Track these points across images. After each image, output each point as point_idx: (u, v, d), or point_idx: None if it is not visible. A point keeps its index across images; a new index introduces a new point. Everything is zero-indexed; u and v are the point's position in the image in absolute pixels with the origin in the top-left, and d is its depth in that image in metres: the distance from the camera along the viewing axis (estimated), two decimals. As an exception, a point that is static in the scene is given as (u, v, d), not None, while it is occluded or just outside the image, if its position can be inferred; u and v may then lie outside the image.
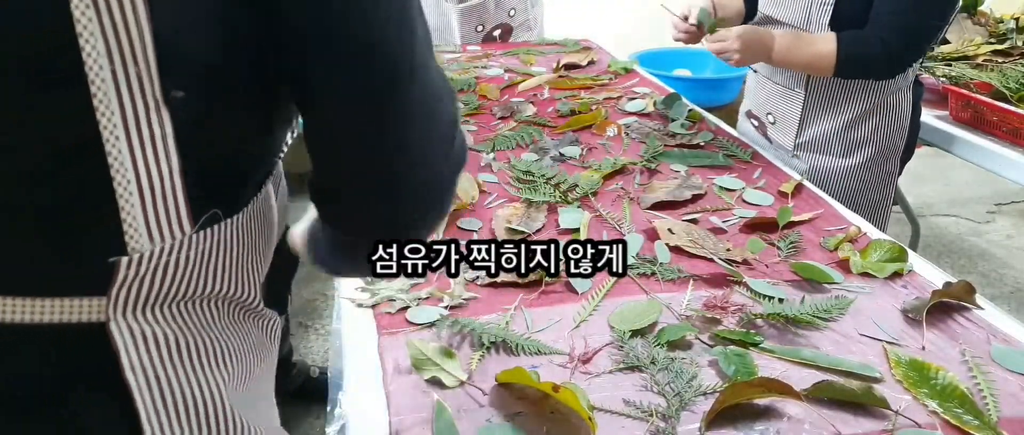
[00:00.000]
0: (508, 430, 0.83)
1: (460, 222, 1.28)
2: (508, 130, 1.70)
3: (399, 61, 0.57)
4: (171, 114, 0.54)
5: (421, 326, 1.01)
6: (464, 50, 2.39)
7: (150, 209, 0.56)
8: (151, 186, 0.55)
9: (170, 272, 0.59)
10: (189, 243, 0.59)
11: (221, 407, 0.63)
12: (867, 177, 1.65)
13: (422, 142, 0.61)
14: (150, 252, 0.57)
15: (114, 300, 0.57)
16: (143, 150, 0.54)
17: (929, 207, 3.42)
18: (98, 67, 0.51)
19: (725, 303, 1.06)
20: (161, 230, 0.57)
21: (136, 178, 0.55)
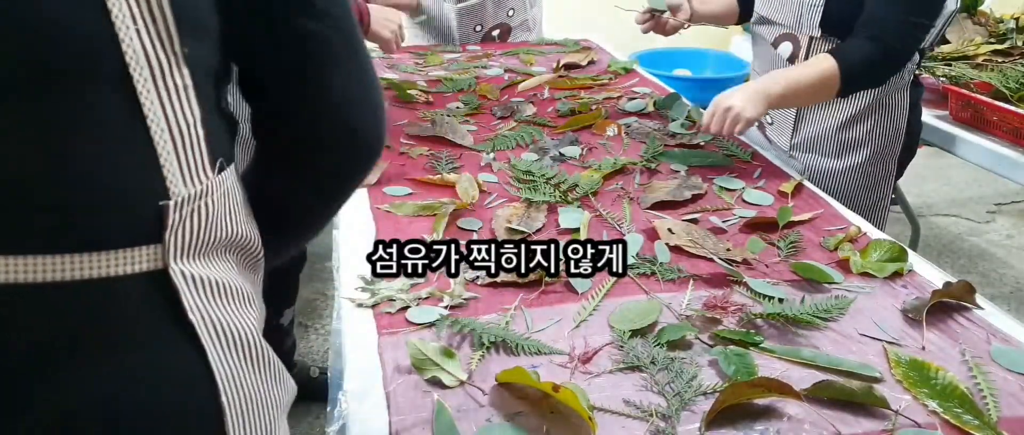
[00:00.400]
0: (508, 430, 0.83)
1: (460, 222, 1.28)
2: (508, 130, 1.70)
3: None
4: (190, 68, 0.61)
5: (421, 326, 1.01)
6: (464, 50, 2.39)
7: (182, 156, 0.62)
8: (181, 134, 0.62)
9: (204, 216, 0.65)
10: (213, 187, 0.66)
11: (257, 342, 0.70)
12: (863, 178, 1.64)
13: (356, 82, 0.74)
14: (187, 195, 0.63)
15: (168, 245, 0.62)
16: (171, 101, 0.61)
17: (929, 207, 3.42)
18: (125, 28, 0.57)
19: (725, 303, 1.06)
20: (193, 175, 0.63)
21: (168, 127, 0.61)
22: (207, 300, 0.66)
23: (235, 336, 0.68)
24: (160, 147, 0.61)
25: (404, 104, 1.87)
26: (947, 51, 2.24)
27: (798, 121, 1.66)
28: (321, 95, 0.72)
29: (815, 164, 1.65)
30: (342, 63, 0.73)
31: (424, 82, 2.05)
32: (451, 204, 1.31)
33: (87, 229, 0.59)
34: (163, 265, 0.62)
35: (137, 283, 0.62)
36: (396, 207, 1.32)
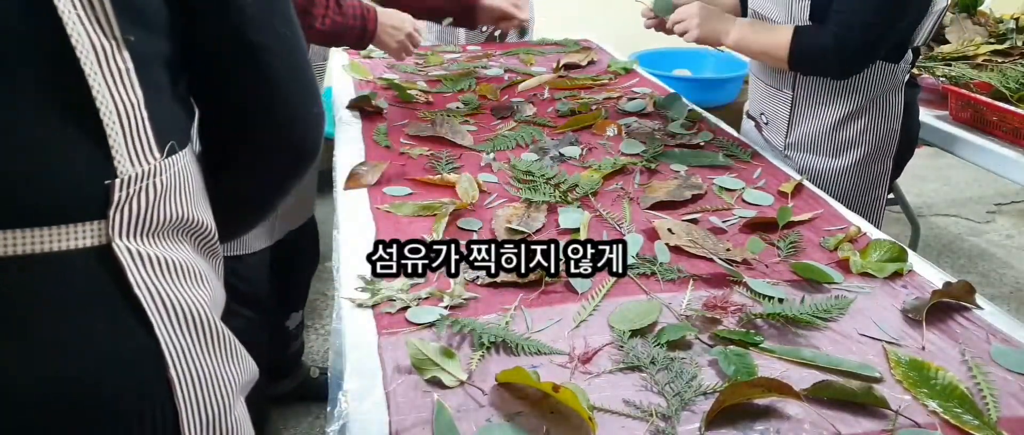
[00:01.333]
0: (508, 430, 0.83)
1: (460, 222, 1.28)
2: (508, 130, 1.70)
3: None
4: (131, 53, 0.64)
5: (421, 326, 1.01)
6: (464, 50, 2.39)
7: (129, 135, 0.65)
8: (127, 114, 0.65)
9: (151, 196, 0.67)
10: (161, 169, 0.68)
11: (210, 320, 0.72)
12: (857, 179, 1.64)
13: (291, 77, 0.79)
14: (133, 174, 0.65)
15: (113, 222, 0.65)
16: (115, 81, 0.64)
17: (929, 207, 3.42)
18: (68, 12, 0.61)
19: (725, 303, 1.06)
20: (139, 155, 0.66)
21: (115, 107, 0.64)
22: (156, 276, 0.68)
23: (186, 312, 0.70)
24: (108, 127, 0.64)
25: (404, 104, 1.87)
26: (947, 51, 2.24)
27: (792, 121, 1.66)
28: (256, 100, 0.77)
29: (810, 164, 1.65)
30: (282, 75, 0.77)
31: (424, 82, 2.05)
32: (451, 204, 1.31)
33: (31, 205, 0.61)
34: (107, 241, 0.65)
35: (82, 258, 0.64)
36: (396, 207, 1.32)
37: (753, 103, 1.81)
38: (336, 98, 1.94)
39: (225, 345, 0.75)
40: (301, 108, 0.80)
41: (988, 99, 1.93)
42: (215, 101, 0.79)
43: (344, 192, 1.40)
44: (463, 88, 1.99)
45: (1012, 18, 2.37)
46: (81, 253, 0.63)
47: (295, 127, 0.81)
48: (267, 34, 0.75)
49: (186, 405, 0.68)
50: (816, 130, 1.64)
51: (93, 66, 0.62)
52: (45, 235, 0.62)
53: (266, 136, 0.81)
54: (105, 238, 0.64)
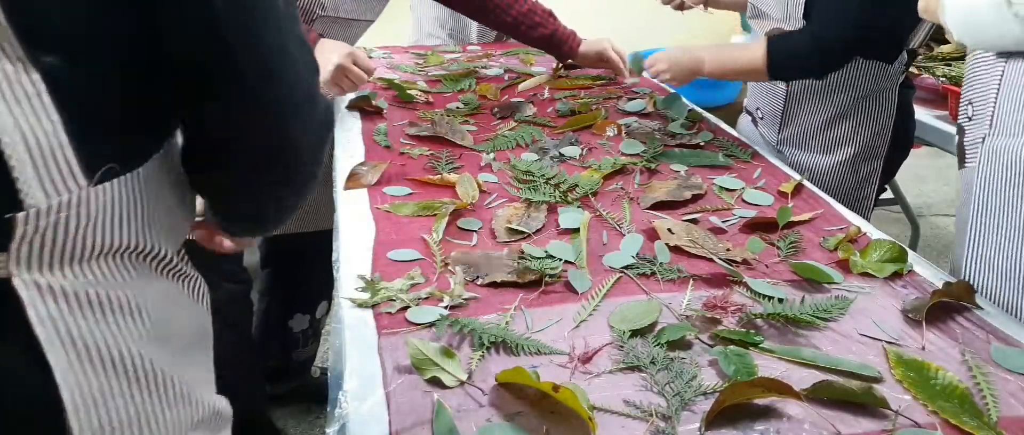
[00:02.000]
0: (508, 430, 0.83)
1: (460, 222, 1.28)
2: (508, 130, 1.70)
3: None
4: (42, 74, 0.58)
5: (421, 326, 1.01)
6: (464, 50, 2.39)
7: (40, 164, 0.58)
8: (37, 142, 0.58)
9: (72, 226, 0.61)
10: (87, 197, 0.61)
11: (138, 359, 0.65)
12: (847, 176, 1.66)
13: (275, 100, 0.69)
14: (47, 207, 0.59)
15: (16, 255, 0.59)
16: (20, 108, 0.57)
17: (929, 207, 3.42)
18: None
19: (725, 303, 1.06)
20: (54, 184, 0.59)
21: (21, 135, 0.57)
22: (69, 312, 0.62)
23: (103, 351, 0.63)
24: (10, 156, 0.57)
25: (404, 104, 1.87)
26: (947, 51, 2.24)
27: (785, 116, 1.68)
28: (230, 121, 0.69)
29: (801, 159, 1.68)
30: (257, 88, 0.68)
31: (424, 82, 2.05)
32: (451, 204, 1.31)
33: None
34: (6, 275, 0.59)
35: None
36: (396, 207, 1.32)
37: (751, 97, 1.84)
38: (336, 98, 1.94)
39: (160, 385, 0.67)
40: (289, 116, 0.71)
41: (988, 99, 1.92)
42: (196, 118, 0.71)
43: (344, 192, 1.40)
44: (463, 88, 1.99)
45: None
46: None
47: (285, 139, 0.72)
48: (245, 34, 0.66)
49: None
50: (809, 126, 1.66)
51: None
52: None
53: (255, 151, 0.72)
54: (5, 271, 0.59)
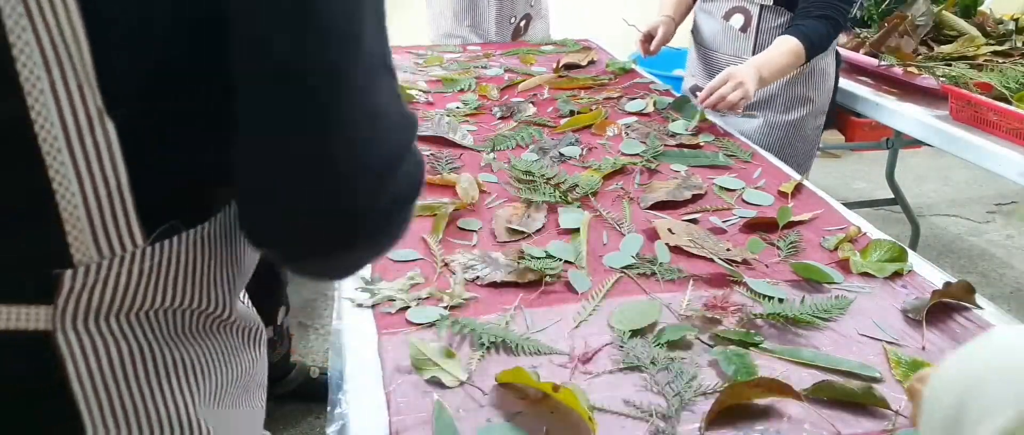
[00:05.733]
0: (508, 430, 0.83)
1: (460, 222, 1.28)
2: (508, 130, 1.70)
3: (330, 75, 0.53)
4: (116, 126, 0.52)
5: (421, 326, 1.01)
6: (464, 50, 2.39)
7: (97, 221, 0.54)
8: (97, 198, 0.53)
9: (122, 284, 0.56)
10: (142, 256, 0.56)
11: (188, 424, 0.61)
12: (803, 129, 1.92)
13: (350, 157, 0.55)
14: (98, 264, 0.55)
15: (61, 310, 0.55)
16: (87, 162, 0.52)
17: (929, 207, 3.42)
18: (34, 78, 0.49)
19: (725, 303, 1.06)
20: (110, 242, 0.55)
21: (81, 190, 0.53)
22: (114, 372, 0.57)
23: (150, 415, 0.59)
24: (66, 214, 0.53)
25: (404, 104, 1.86)
26: (947, 51, 2.24)
27: None
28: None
29: (768, 120, 1.91)
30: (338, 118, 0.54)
31: (424, 82, 2.05)
32: (451, 204, 1.31)
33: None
34: (50, 327, 0.55)
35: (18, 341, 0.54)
36: (396, 207, 1.32)
37: (703, 76, 2.00)
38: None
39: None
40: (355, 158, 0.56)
41: (988, 99, 1.93)
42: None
43: (344, 192, 1.40)
44: (463, 88, 1.99)
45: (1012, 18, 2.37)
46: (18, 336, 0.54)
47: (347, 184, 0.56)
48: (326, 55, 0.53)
49: None
50: (773, 89, 1.87)
51: (58, 145, 0.51)
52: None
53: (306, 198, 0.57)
54: (50, 325, 0.55)
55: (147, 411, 0.58)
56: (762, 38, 1.86)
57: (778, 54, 1.71)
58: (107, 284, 0.55)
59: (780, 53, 1.71)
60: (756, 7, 1.85)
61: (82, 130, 0.51)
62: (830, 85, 1.93)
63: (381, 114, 0.57)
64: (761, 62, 1.71)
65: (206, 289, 0.62)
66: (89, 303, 0.55)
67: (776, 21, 1.84)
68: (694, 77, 2.06)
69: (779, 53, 1.71)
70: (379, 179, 0.57)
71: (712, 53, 1.97)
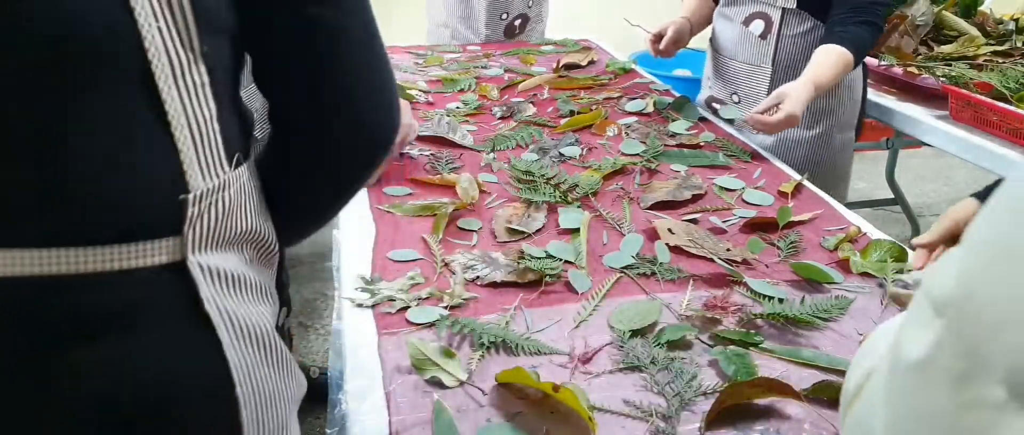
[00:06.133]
0: (508, 430, 0.83)
1: (460, 222, 1.28)
2: (508, 130, 1.70)
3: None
4: (206, 66, 0.63)
5: (421, 326, 1.01)
6: (464, 50, 2.39)
7: (201, 150, 0.64)
8: (199, 130, 0.63)
9: (222, 210, 0.66)
10: (230, 181, 0.67)
11: (271, 336, 0.71)
12: (830, 145, 1.78)
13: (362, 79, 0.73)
14: (206, 189, 0.64)
15: (189, 238, 0.63)
16: (190, 98, 0.62)
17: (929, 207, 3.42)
18: (148, 25, 0.59)
19: (725, 303, 1.06)
20: (211, 170, 0.65)
21: (187, 123, 0.62)
22: (223, 292, 0.67)
23: (249, 329, 0.68)
24: (180, 143, 0.62)
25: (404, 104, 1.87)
26: (947, 51, 2.24)
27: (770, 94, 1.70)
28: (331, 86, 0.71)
29: (786, 134, 1.74)
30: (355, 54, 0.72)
31: (424, 82, 2.05)
32: (451, 204, 1.31)
33: (105, 222, 0.60)
34: (181, 257, 0.63)
35: (156, 275, 0.62)
36: (396, 207, 1.32)
37: (720, 85, 1.88)
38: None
39: (283, 361, 0.73)
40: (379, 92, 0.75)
41: (988, 99, 1.93)
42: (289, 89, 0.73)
43: (344, 192, 1.40)
44: (463, 88, 1.99)
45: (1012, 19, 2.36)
46: (155, 270, 0.62)
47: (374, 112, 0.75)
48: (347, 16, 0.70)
49: (249, 423, 0.67)
50: None
51: (168, 81, 0.61)
52: (121, 252, 0.60)
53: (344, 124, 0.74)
54: (180, 255, 0.63)
55: (248, 323, 0.68)
56: (783, 45, 1.73)
57: (830, 67, 1.58)
58: (213, 209, 0.65)
59: (831, 65, 1.58)
60: (778, 11, 1.71)
61: (185, 69, 0.61)
62: (857, 96, 1.80)
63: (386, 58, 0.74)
64: (816, 78, 1.56)
65: (263, 217, 0.74)
66: (205, 229, 0.64)
67: (798, 27, 1.70)
68: (710, 89, 1.94)
69: (831, 65, 1.58)
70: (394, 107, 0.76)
71: (729, 61, 1.85)
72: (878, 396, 0.41)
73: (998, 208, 0.34)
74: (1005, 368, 0.31)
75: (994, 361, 0.31)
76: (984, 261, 0.33)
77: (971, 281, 0.33)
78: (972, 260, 0.34)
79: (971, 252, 0.34)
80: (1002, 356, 0.31)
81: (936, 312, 0.35)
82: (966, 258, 0.34)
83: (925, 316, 0.36)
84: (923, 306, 0.36)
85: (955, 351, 0.33)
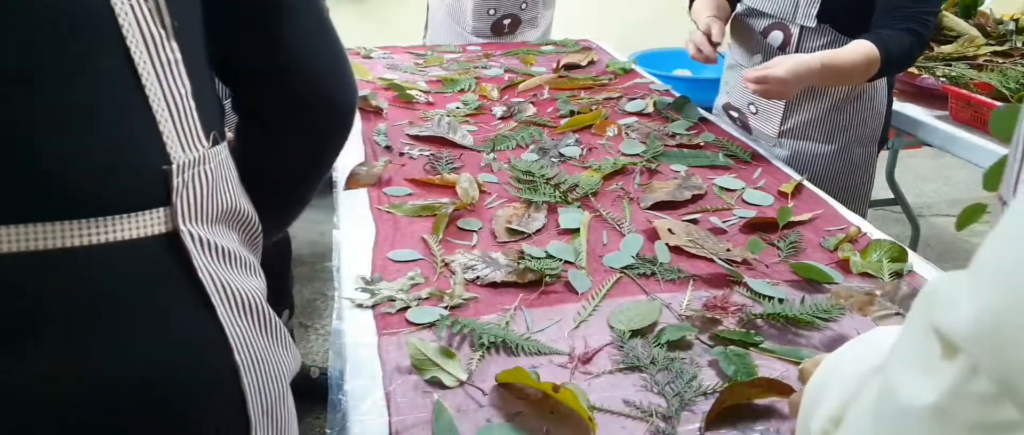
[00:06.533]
0: (508, 430, 0.83)
1: (460, 222, 1.28)
2: (508, 130, 1.70)
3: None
4: (178, 43, 0.66)
5: (421, 326, 1.01)
6: (464, 50, 2.39)
7: (178, 123, 0.66)
8: (175, 104, 0.66)
9: (205, 182, 0.68)
10: (209, 156, 0.69)
11: (264, 307, 0.73)
12: (850, 161, 1.69)
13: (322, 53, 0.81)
14: (187, 160, 0.66)
15: (176, 208, 0.65)
16: (165, 71, 0.65)
17: (929, 207, 3.42)
18: (121, 2, 0.62)
19: (725, 303, 1.06)
20: (189, 143, 0.67)
21: (164, 96, 0.65)
22: (216, 262, 0.68)
23: (243, 299, 0.70)
24: (158, 115, 0.65)
25: (404, 104, 1.87)
26: (947, 51, 2.24)
27: (789, 108, 1.68)
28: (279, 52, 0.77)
29: (804, 150, 1.69)
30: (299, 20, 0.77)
31: (424, 82, 2.05)
32: (451, 204, 1.31)
33: (91, 195, 0.61)
34: (173, 227, 0.65)
35: (151, 246, 0.64)
36: (396, 207, 1.32)
37: (738, 95, 1.82)
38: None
39: (278, 333, 0.75)
40: (332, 64, 0.82)
41: (988, 99, 1.93)
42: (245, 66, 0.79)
43: (344, 192, 1.40)
44: (463, 88, 1.99)
45: (1012, 19, 2.36)
46: (150, 240, 0.64)
47: (330, 83, 0.81)
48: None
49: (251, 390, 0.69)
50: (811, 116, 1.68)
51: (143, 55, 0.63)
52: (114, 223, 0.62)
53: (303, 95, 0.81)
54: (172, 225, 0.65)
55: (241, 294, 0.70)
56: None
57: (849, 55, 1.47)
58: (197, 181, 0.67)
59: (851, 53, 1.47)
60: (797, 27, 1.61)
61: (158, 45, 0.65)
62: (880, 109, 1.68)
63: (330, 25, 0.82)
64: (827, 57, 1.47)
65: (243, 197, 0.77)
66: (191, 199, 0.67)
67: (818, 41, 1.59)
68: (728, 95, 1.87)
69: (850, 52, 1.47)
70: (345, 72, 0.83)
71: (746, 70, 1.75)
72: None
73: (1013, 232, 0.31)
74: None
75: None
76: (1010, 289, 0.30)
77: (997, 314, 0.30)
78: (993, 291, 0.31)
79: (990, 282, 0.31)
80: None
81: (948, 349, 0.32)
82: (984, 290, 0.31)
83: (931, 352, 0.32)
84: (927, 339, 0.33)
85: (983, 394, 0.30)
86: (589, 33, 2.60)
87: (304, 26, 0.78)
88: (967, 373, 0.31)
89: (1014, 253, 0.31)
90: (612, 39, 2.58)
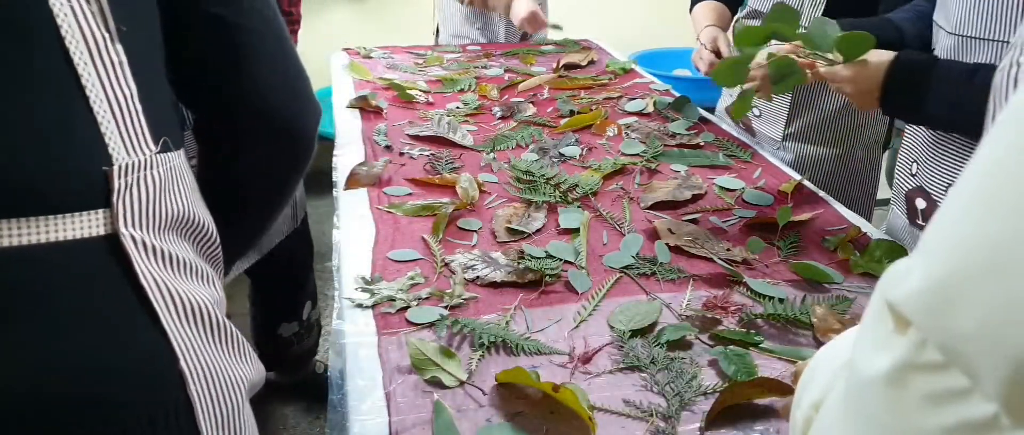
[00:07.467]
0: (508, 430, 0.83)
1: (460, 222, 1.28)
2: (508, 130, 1.70)
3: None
4: (124, 47, 0.66)
5: (421, 326, 1.01)
6: (464, 50, 2.39)
7: (123, 126, 0.66)
8: (119, 106, 0.66)
9: (150, 187, 0.67)
10: (157, 162, 0.68)
11: (216, 316, 0.72)
12: (854, 164, 1.69)
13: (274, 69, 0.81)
14: (131, 163, 0.65)
15: (120, 211, 0.65)
16: (108, 75, 0.65)
17: (929, 207, 3.42)
18: (60, 4, 0.62)
19: (725, 303, 1.07)
20: (134, 145, 0.67)
21: (106, 98, 0.65)
22: (160, 267, 0.67)
23: (192, 307, 0.69)
24: (99, 117, 0.64)
25: (404, 104, 1.87)
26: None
27: (793, 111, 1.68)
28: (238, 84, 0.78)
29: (808, 153, 1.69)
30: (259, 52, 0.78)
31: (424, 82, 2.05)
32: (451, 204, 1.31)
33: (28, 194, 0.60)
34: (113, 230, 0.64)
35: (88, 248, 0.63)
36: (396, 207, 1.32)
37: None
38: (336, 98, 1.94)
39: (234, 343, 0.74)
40: (289, 87, 0.82)
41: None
42: (205, 92, 0.80)
43: (344, 192, 1.40)
44: (463, 88, 2.00)
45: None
46: (89, 242, 0.63)
47: (288, 111, 0.82)
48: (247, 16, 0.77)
49: (200, 399, 0.67)
50: (815, 119, 1.67)
51: (84, 57, 0.63)
52: (52, 223, 0.61)
53: (259, 121, 0.81)
54: (111, 227, 0.64)
55: (186, 301, 0.69)
56: None
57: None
58: (141, 186, 0.67)
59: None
60: None
61: (101, 48, 0.64)
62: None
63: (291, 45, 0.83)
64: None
65: (198, 206, 0.76)
66: (134, 203, 0.66)
67: None
68: (732, 96, 1.87)
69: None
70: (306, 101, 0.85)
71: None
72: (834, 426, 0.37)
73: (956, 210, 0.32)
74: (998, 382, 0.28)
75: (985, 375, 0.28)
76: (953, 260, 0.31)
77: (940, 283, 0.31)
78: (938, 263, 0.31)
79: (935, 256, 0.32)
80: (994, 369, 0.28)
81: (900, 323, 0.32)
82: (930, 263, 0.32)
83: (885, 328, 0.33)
84: (881, 316, 0.34)
85: (932, 363, 0.31)
86: (589, 33, 2.61)
87: (264, 49, 0.79)
88: (918, 345, 0.31)
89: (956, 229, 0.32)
90: (612, 39, 2.58)
